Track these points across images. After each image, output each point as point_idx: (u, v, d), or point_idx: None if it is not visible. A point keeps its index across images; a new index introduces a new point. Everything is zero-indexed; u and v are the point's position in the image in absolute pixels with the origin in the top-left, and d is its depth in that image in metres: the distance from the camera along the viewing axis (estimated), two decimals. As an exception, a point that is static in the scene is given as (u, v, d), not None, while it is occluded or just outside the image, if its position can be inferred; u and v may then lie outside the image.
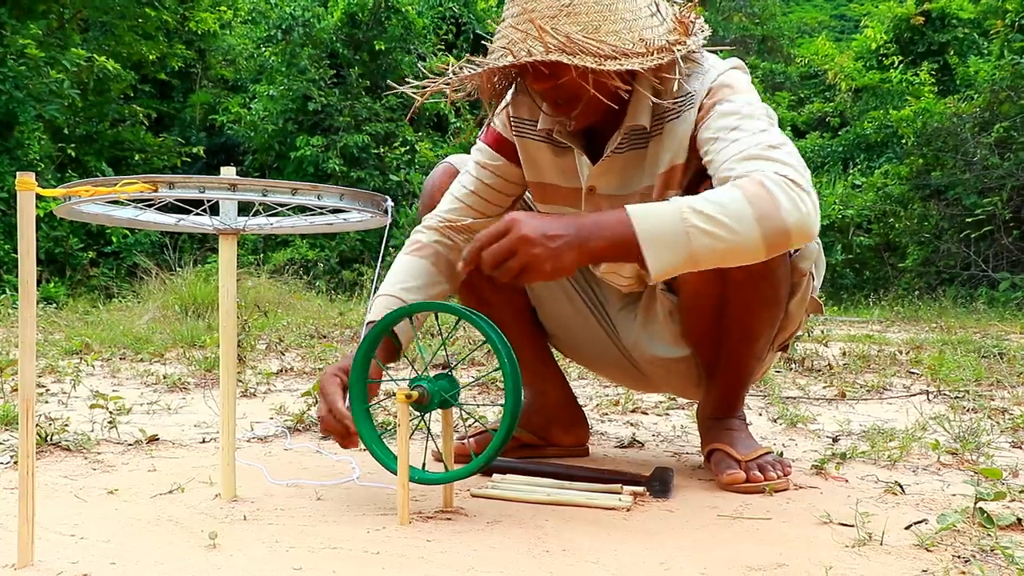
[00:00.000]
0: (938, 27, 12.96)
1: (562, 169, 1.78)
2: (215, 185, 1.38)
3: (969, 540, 1.36)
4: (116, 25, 12.15)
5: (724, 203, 1.39)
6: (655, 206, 1.42)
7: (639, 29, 1.54)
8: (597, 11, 1.51)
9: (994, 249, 9.27)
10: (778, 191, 1.41)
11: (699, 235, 1.38)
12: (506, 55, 1.52)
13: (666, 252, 1.38)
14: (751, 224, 1.39)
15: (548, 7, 1.50)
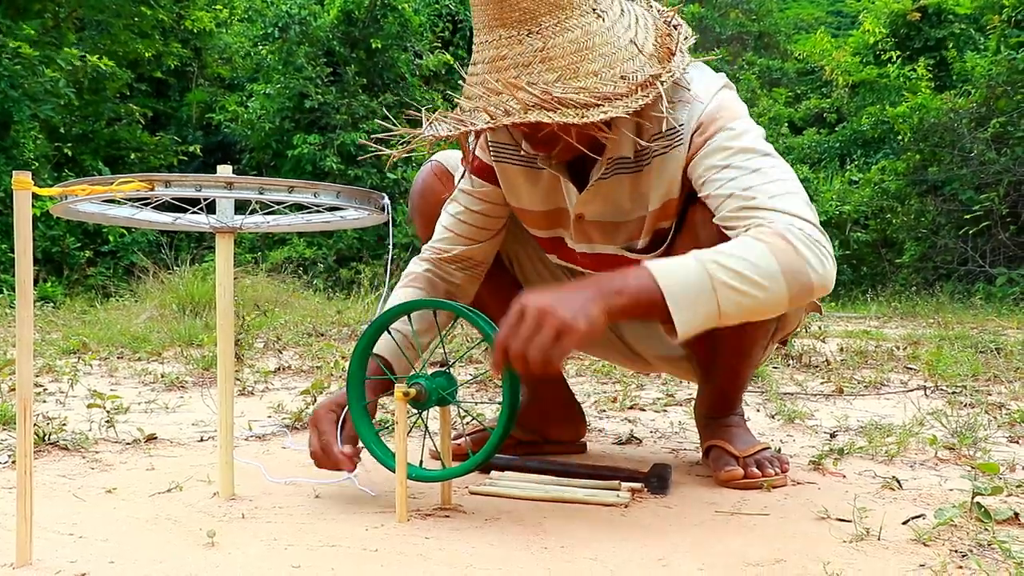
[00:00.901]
0: (935, 22, 12.96)
1: (544, 193, 1.74)
2: (212, 183, 1.38)
3: (966, 535, 1.36)
4: (112, 24, 12.13)
5: (752, 260, 1.35)
6: (677, 262, 1.36)
7: (619, 64, 1.46)
8: (574, 51, 1.42)
9: (991, 244, 9.29)
10: (804, 248, 1.38)
11: (727, 291, 1.34)
12: (480, 113, 1.43)
13: (693, 309, 1.33)
14: (779, 280, 1.36)
15: (520, 54, 1.42)
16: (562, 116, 1.38)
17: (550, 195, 1.73)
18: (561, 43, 1.42)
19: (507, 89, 1.40)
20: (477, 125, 1.42)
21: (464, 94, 1.52)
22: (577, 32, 1.43)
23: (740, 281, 1.34)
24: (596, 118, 1.39)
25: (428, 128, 1.50)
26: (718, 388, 1.89)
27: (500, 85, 1.41)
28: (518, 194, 1.77)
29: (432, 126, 1.49)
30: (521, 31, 1.42)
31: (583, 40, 1.43)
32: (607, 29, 1.46)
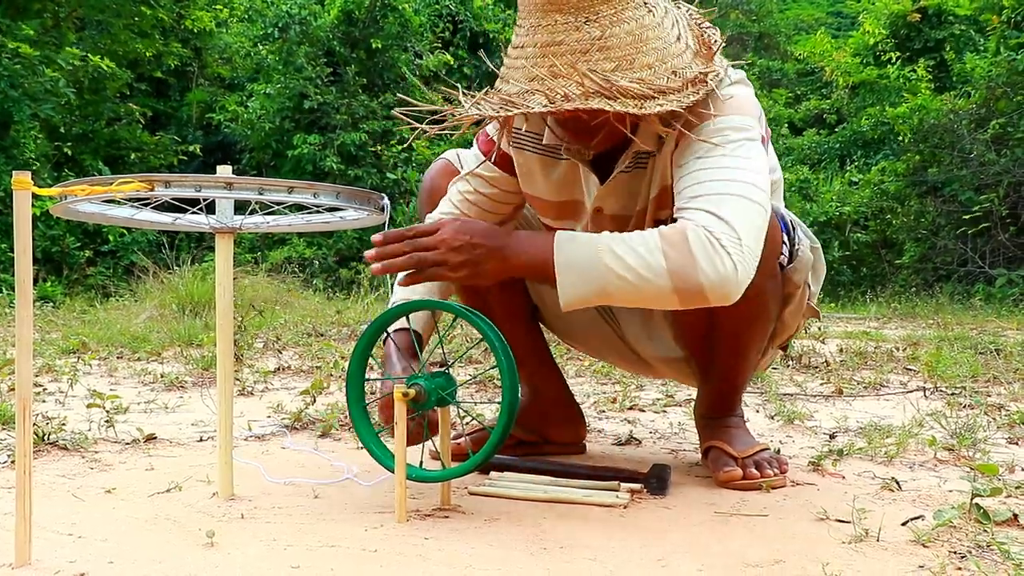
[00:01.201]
0: (935, 23, 12.96)
1: (560, 184, 1.75)
2: (211, 184, 1.38)
3: (965, 536, 1.37)
4: (112, 23, 12.12)
5: (640, 251, 1.41)
6: (583, 236, 1.45)
7: (670, 59, 1.47)
8: (630, 43, 1.44)
9: (991, 245, 9.29)
10: (699, 250, 1.38)
11: (609, 274, 1.41)
12: (537, 95, 1.42)
13: (578, 283, 1.43)
14: (663, 276, 1.39)
15: (578, 41, 1.43)
16: (622, 105, 1.40)
17: (565, 187, 1.75)
18: (618, 33, 1.44)
19: (570, 74, 1.41)
20: (533, 108, 1.42)
21: (505, 76, 1.51)
22: (632, 24, 1.45)
23: (623, 267, 1.40)
24: (653, 110, 1.42)
25: (471, 107, 1.49)
26: (716, 389, 1.89)
27: (563, 69, 1.41)
28: (533, 182, 1.78)
29: (476, 105, 1.49)
30: (579, 18, 1.43)
31: (638, 32, 1.45)
32: (658, 24, 1.48)
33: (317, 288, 9.34)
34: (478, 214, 1.82)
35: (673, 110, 1.43)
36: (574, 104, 1.39)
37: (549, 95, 1.41)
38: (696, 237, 1.40)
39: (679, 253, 1.39)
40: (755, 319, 1.74)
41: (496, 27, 13.90)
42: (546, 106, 1.41)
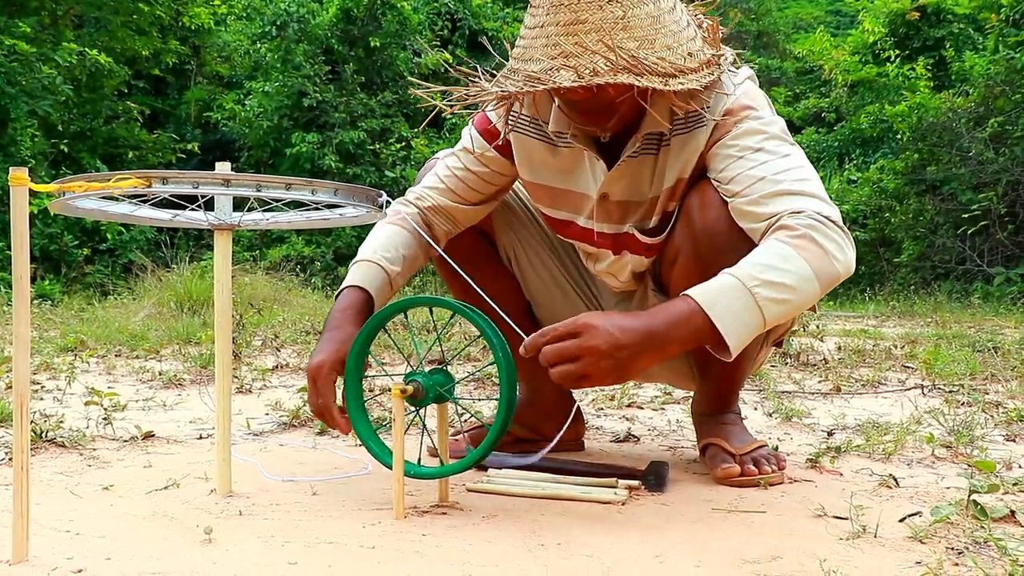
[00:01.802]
0: (933, 22, 12.96)
1: (561, 172, 1.75)
2: (209, 180, 1.38)
3: (963, 532, 1.37)
4: (109, 21, 12.10)
5: (787, 268, 1.42)
6: (718, 286, 1.40)
7: (685, 42, 1.51)
8: (649, 24, 1.47)
9: (989, 244, 9.29)
10: (829, 244, 1.45)
11: (772, 305, 1.40)
12: (564, 72, 1.43)
13: (744, 330, 1.40)
14: (813, 282, 1.44)
15: (603, 19, 1.44)
16: (648, 81, 1.43)
17: (567, 175, 1.75)
18: (639, 14, 1.46)
19: (598, 49, 1.42)
20: (561, 82, 1.43)
21: (521, 56, 1.52)
22: (651, 6, 1.48)
23: (780, 291, 1.41)
24: (676, 87, 1.45)
25: (494, 85, 1.50)
26: (714, 387, 1.89)
27: (591, 45, 1.43)
28: (533, 168, 1.78)
29: (499, 84, 1.50)
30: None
31: (656, 15, 1.48)
32: (671, 8, 1.53)
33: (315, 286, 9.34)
34: (463, 190, 1.82)
35: (692, 89, 1.48)
36: (604, 79, 1.41)
37: (578, 70, 1.42)
38: (821, 233, 1.45)
39: (813, 253, 1.44)
40: None
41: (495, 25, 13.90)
42: (575, 81, 1.42)
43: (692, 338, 1.41)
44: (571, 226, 1.82)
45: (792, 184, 1.52)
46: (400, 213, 1.82)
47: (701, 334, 1.40)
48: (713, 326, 1.38)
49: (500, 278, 1.98)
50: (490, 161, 1.81)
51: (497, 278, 1.96)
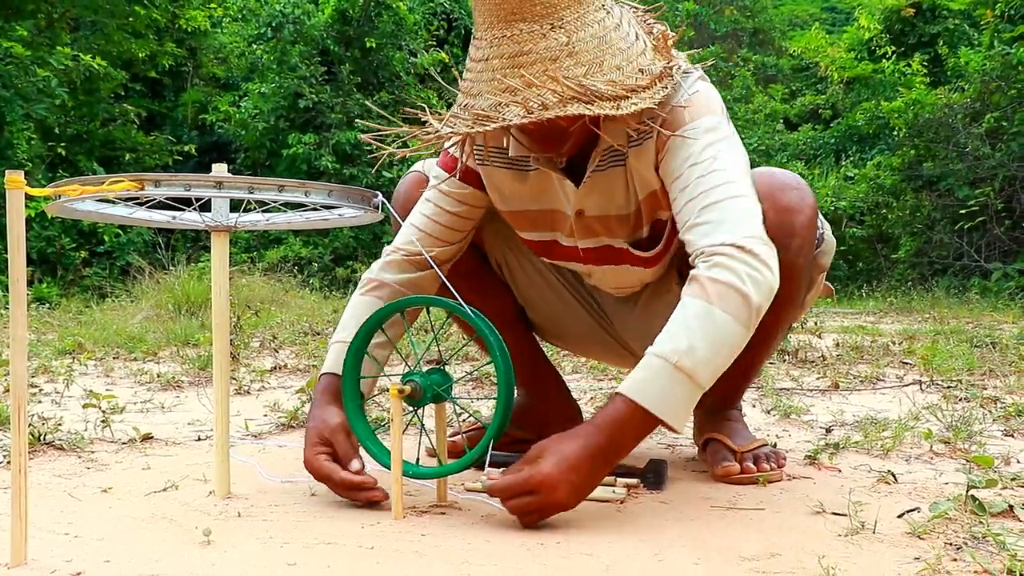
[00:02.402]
0: (929, 18, 12.97)
1: (533, 194, 1.72)
2: (201, 183, 1.37)
3: (961, 527, 1.37)
4: (106, 24, 12.07)
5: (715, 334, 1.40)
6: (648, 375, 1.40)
7: (635, 58, 1.48)
8: (596, 46, 1.43)
9: (986, 239, 9.29)
10: (742, 284, 1.41)
11: (702, 370, 1.40)
12: (512, 107, 1.39)
13: (685, 410, 1.42)
14: (737, 331, 1.42)
15: (547, 48, 1.41)
16: (599, 108, 1.39)
17: (539, 196, 1.72)
18: (584, 38, 1.43)
19: (544, 82, 1.39)
20: (511, 120, 1.39)
21: (469, 91, 1.48)
22: (596, 27, 1.44)
23: (706, 352, 1.39)
24: (629, 110, 1.41)
25: (443, 125, 1.46)
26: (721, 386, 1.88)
27: (536, 77, 1.39)
28: (505, 196, 1.75)
29: (448, 123, 1.46)
30: (544, 24, 1.41)
31: (602, 35, 1.45)
32: (617, 24, 1.48)
33: (313, 287, 9.33)
34: (445, 234, 1.78)
35: (648, 107, 1.44)
36: (553, 112, 1.37)
37: (526, 105, 1.38)
38: (733, 273, 1.42)
39: (732, 302, 1.41)
40: (789, 304, 1.71)
41: (491, 24, 13.86)
42: (524, 117, 1.38)
43: (639, 435, 1.43)
44: (554, 246, 1.80)
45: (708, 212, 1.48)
46: (376, 281, 1.78)
47: (647, 427, 1.42)
48: (652, 414, 1.39)
49: (492, 286, 1.97)
50: (466, 197, 1.77)
51: (488, 286, 1.96)
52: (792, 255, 1.62)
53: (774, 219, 1.59)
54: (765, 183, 1.64)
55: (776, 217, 1.60)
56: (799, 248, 1.64)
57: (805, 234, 1.65)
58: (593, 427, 1.41)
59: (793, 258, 1.62)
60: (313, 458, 1.57)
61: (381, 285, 1.77)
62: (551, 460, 1.38)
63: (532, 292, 1.99)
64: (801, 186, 1.67)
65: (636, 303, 1.92)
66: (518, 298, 2.01)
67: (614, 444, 1.41)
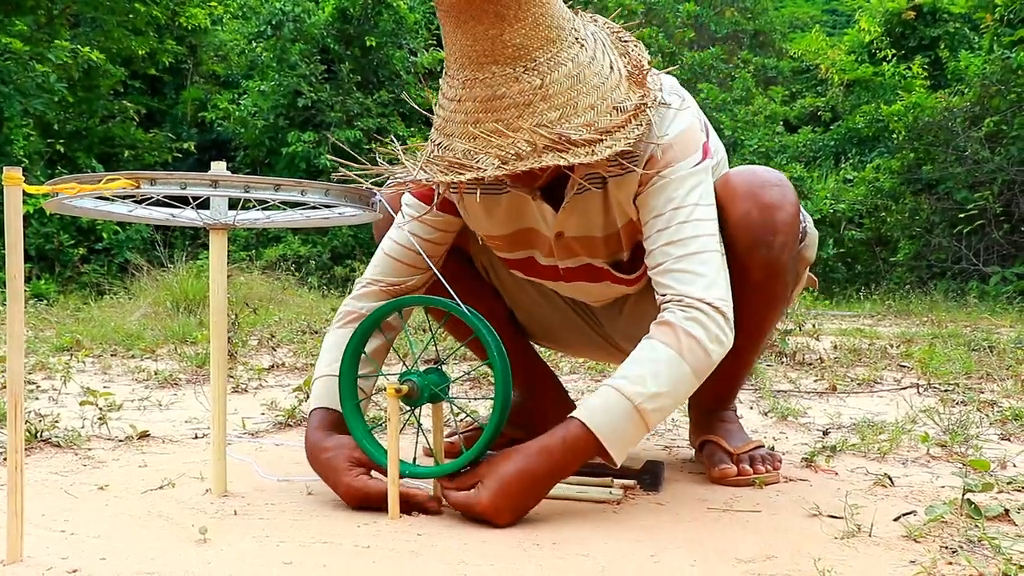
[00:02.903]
0: (929, 21, 12.97)
1: (507, 215, 1.71)
2: (196, 181, 1.37)
3: (957, 531, 1.37)
4: (105, 20, 12.06)
5: (667, 375, 1.45)
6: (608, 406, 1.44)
7: (610, 94, 1.45)
8: (569, 87, 1.41)
9: (985, 243, 9.30)
10: (708, 340, 1.47)
11: (655, 414, 1.45)
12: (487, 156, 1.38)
13: (630, 447, 1.47)
14: (691, 378, 1.48)
15: (520, 92, 1.39)
16: (573, 156, 1.38)
17: (514, 216, 1.71)
18: (558, 79, 1.41)
19: (518, 130, 1.38)
20: (487, 171, 1.37)
21: (443, 129, 1.47)
22: (569, 65, 1.42)
23: (663, 400, 1.45)
24: (604, 154, 1.40)
25: (421, 172, 1.44)
26: (716, 385, 1.88)
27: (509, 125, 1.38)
28: (480, 221, 1.74)
29: (425, 168, 1.44)
30: (517, 68, 1.39)
31: (576, 73, 1.42)
32: (591, 59, 1.46)
33: (312, 286, 9.33)
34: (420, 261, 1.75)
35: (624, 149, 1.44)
36: (528, 164, 1.36)
37: (500, 155, 1.37)
38: (697, 323, 1.48)
39: (695, 354, 1.47)
40: (778, 300, 1.74)
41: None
42: (499, 168, 1.37)
43: (583, 461, 1.47)
44: (533, 264, 1.80)
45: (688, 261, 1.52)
46: (352, 314, 1.77)
47: (591, 455, 1.46)
48: (603, 446, 1.43)
49: (481, 289, 1.97)
50: (439, 224, 1.75)
51: (477, 289, 1.95)
52: (776, 252, 1.64)
53: (757, 217, 1.62)
54: (746, 181, 1.65)
55: (759, 215, 1.62)
56: (782, 245, 1.65)
57: (788, 230, 1.66)
58: (539, 449, 1.45)
59: (777, 255, 1.64)
60: (355, 481, 1.52)
61: (360, 316, 1.75)
62: (489, 488, 1.42)
63: (519, 295, 2.00)
64: (782, 183, 1.67)
65: (624, 305, 1.92)
66: (505, 299, 2.02)
67: (557, 468, 1.45)
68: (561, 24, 1.43)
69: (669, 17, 14.59)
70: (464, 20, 1.38)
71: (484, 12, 1.37)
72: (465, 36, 1.40)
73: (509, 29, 1.38)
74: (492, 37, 1.38)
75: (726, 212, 1.64)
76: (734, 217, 1.64)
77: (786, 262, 1.67)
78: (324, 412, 1.66)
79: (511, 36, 1.38)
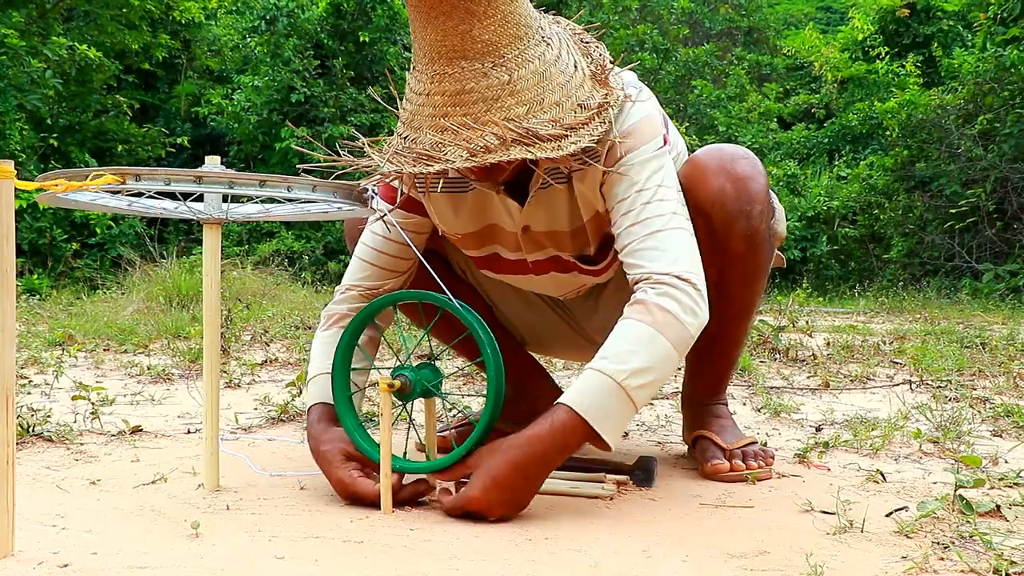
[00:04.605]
0: (923, 19, 13.00)
1: (472, 213, 1.72)
2: (181, 177, 1.37)
3: (949, 527, 1.37)
4: (99, 14, 12.01)
5: (649, 352, 1.45)
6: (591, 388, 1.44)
7: (574, 92, 1.48)
8: (536, 83, 1.43)
9: (978, 240, 9.32)
10: (683, 312, 1.48)
11: (640, 392, 1.45)
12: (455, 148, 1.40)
13: (620, 424, 1.47)
14: (672, 353, 1.47)
15: (488, 87, 1.40)
16: (540, 151, 1.40)
17: (479, 214, 1.72)
18: (525, 75, 1.42)
19: (487, 123, 1.39)
20: (455, 163, 1.39)
21: (410, 123, 1.48)
22: (537, 63, 1.44)
23: (646, 375, 1.45)
24: (570, 150, 1.42)
25: (389, 163, 1.46)
26: (708, 376, 1.89)
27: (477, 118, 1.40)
28: (446, 219, 1.75)
29: (393, 160, 1.46)
30: (485, 63, 1.41)
31: (542, 70, 1.44)
32: (556, 57, 1.48)
33: (305, 281, 9.31)
34: (394, 264, 1.78)
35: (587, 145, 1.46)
36: (496, 156, 1.38)
37: (469, 147, 1.39)
38: (671, 297, 1.48)
39: (671, 328, 1.47)
40: (759, 273, 1.76)
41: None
42: (467, 160, 1.39)
43: (574, 447, 1.46)
44: (499, 261, 1.81)
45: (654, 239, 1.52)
46: (337, 314, 1.79)
47: (582, 440, 1.45)
48: (593, 430, 1.43)
49: (461, 288, 1.97)
50: (410, 225, 1.77)
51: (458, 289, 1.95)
52: (755, 222, 1.67)
53: (731, 190, 1.65)
54: (716, 157, 1.68)
55: (733, 187, 1.65)
56: (760, 214, 1.68)
57: (762, 200, 1.69)
58: (528, 438, 1.45)
59: (756, 224, 1.67)
60: (345, 476, 1.53)
61: (344, 316, 1.77)
62: (479, 482, 1.42)
63: (498, 294, 2.01)
64: (750, 156, 1.71)
65: (599, 298, 1.93)
66: (486, 299, 2.02)
67: (548, 456, 1.45)
68: (528, 23, 1.45)
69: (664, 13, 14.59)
70: (435, 16, 1.39)
71: (455, 8, 1.38)
72: (435, 31, 1.41)
73: (479, 25, 1.39)
74: (462, 33, 1.39)
75: (699, 190, 1.66)
76: (709, 194, 1.66)
77: (764, 231, 1.71)
78: (323, 407, 1.67)
79: (480, 32, 1.39)
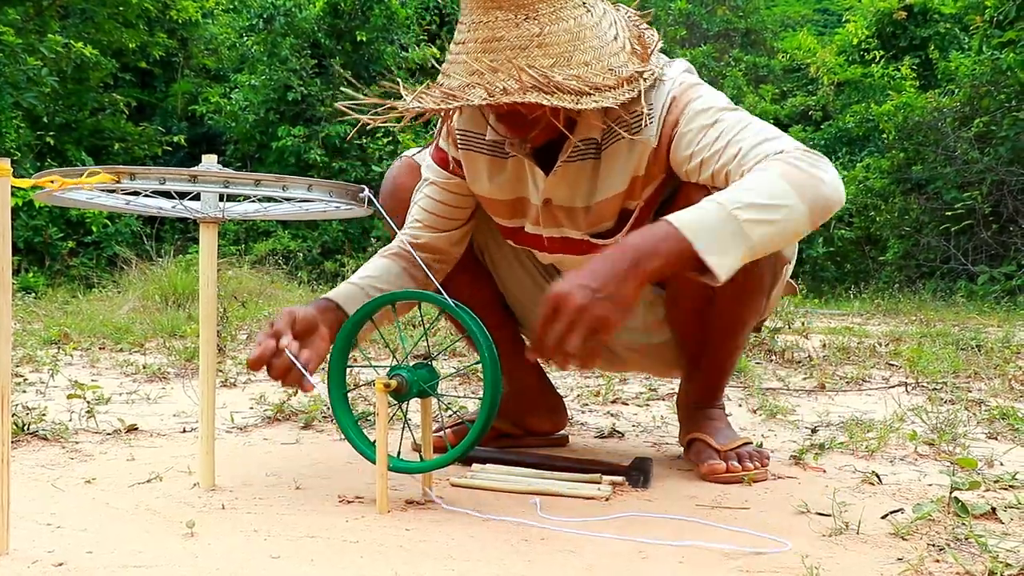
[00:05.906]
0: (920, 22, 13.02)
1: (508, 182, 1.74)
2: (175, 176, 1.37)
3: (944, 529, 1.37)
4: (96, 12, 11.99)
5: (766, 189, 1.39)
6: (697, 211, 1.38)
7: (607, 58, 1.51)
8: (567, 40, 1.47)
9: (973, 243, 9.34)
10: (808, 166, 1.44)
11: (754, 226, 1.37)
12: (477, 89, 1.44)
13: (726, 251, 1.36)
14: (795, 197, 1.40)
15: (517, 37, 1.45)
16: (558, 100, 1.43)
17: (514, 184, 1.74)
18: (556, 31, 1.46)
19: (508, 69, 1.44)
20: (472, 101, 1.44)
21: (446, 71, 1.53)
22: (571, 22, 1.48)
23: (764, 212, 1.37)
24: (588, 106, 1.45)
25: (412, 100, 1.50)
26: (703, 379, 1.89)
27: (502, 64, 1.44)
28: (482, 183, 1.77)
29: (418, 99, 1.50)
30: (519, 15, 1.46)
31: (576, 31, 1.48)
32: (595, 24, 1.52)
33: (301, 280, 9.30)
34: (438, 222, 1.82)
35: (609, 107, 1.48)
36: (512, 98, 1.41)
37: (488, 89, 1.43)
38: (797, 159, 1.45)
39: (795, 174, 1.42)
40: (753, 293, 1.74)
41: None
42: (485, 99, 1.43)
43: (672, 260, 1.35)
44: (520, 232, 1.82)
45: (760, 138, 1.51)
46: (395, 247, 1.82)
47: (683, 257, 1.35)
48: (694, 250, 1.34)
49: (471, 271, 1.97)
50: (453, 186, 1.80)
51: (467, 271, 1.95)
52: None
53: None
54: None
55: None
56: None
57: None
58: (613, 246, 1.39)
59: None
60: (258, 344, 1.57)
61: (398, 253, 1.81)
62: (560, 281, 1.35)
63: (511, 279, 2.00)
64: None
65: None
66: (498, 285, 2.02)
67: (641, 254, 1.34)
68: None
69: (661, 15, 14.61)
70: None
71: None
72: None
73: None
74: None
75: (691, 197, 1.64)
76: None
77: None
78: (328, 302, 1.70)
79: None
